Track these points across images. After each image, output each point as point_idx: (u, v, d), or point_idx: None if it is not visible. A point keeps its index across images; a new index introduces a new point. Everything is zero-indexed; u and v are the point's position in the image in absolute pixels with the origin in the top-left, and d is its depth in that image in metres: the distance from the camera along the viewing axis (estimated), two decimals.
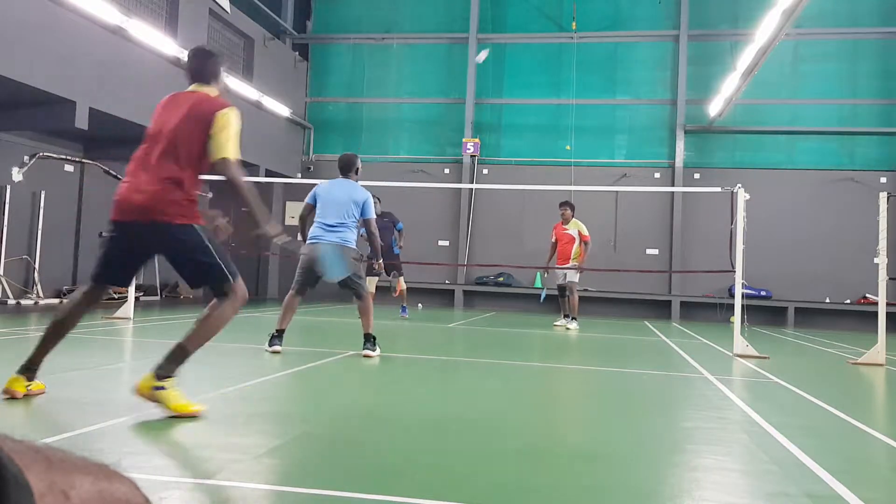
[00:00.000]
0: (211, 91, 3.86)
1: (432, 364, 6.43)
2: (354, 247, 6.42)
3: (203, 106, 3.70)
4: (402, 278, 11.86)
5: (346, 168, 6.62)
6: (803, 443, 3.40)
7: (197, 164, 3.68)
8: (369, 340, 6.36)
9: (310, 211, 6.49)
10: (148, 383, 3.47)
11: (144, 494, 0.43)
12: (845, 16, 16.05)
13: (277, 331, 6.32)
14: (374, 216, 6.55)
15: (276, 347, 6.23)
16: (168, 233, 3.62)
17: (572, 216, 11.14)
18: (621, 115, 16.95)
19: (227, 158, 3.63)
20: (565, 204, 11.25)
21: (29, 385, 3.72)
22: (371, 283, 11.61)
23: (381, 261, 6.99)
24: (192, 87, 3.87)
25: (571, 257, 10.95)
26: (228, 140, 3.65)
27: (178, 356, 3.55)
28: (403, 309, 12.06)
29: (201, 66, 3.88)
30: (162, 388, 3.44)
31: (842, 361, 7.90)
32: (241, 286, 3.73)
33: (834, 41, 16.21)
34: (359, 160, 6.70)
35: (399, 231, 11.67)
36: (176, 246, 3.67)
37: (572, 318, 10.91)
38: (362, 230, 6.91)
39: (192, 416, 3.42)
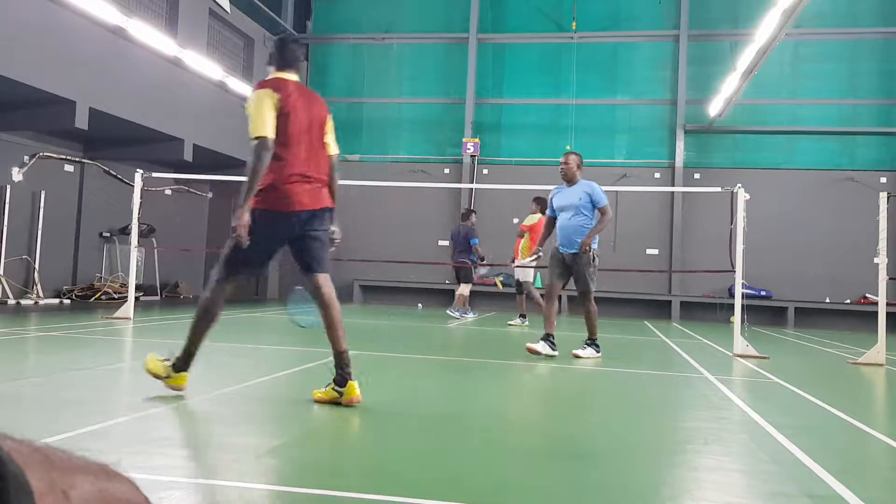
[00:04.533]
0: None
1: (432, 364, 6.43)
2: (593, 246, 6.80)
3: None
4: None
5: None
6: (803, 443, 3.40)
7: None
8: (591, 343, 6.93)
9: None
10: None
11: (144, 494, 0.43)
12: (845, 16, 16.05)
13: (547, 334, 6.73)
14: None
15: (535, 346, 6.71)
16: None
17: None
18: (621, 115, 16.95)
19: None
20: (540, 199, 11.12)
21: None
22: (465, 289, 12.23)
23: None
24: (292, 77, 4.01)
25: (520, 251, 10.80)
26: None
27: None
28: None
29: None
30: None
31: (842, 361, 7.89)
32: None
33: (834, 41, 16.21)
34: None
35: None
36: None
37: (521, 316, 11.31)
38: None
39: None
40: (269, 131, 3.72)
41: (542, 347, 6.56)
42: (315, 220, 3.89)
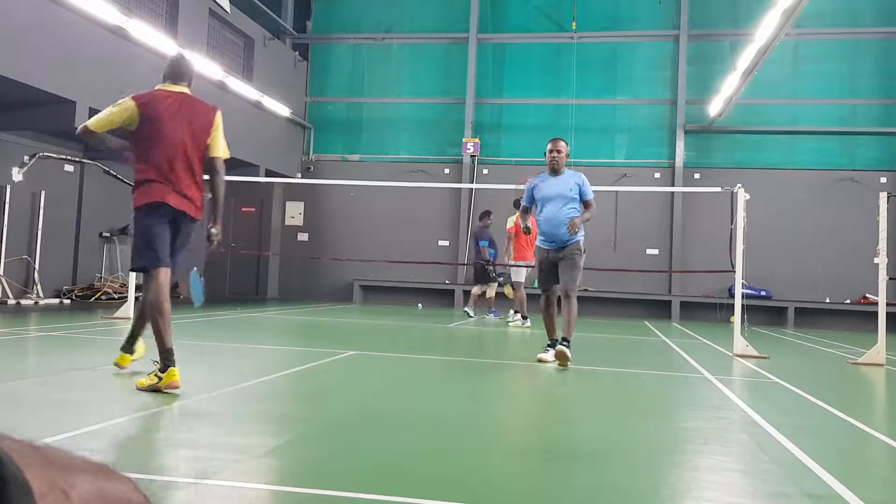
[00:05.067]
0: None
1: (432, 364, 6.42)
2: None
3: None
4: (508, 286, 12.40)
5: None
6: (803, 443, 3.40)
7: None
8: (567, 343, 6.23)
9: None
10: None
11: (144, 494, 0.43)
12: (845, 16, 16.05)
13: (551, 340, 6.41)
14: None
15: (544, 355, 6.34)
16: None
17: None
18: (621, 115, 16.95)
19: None
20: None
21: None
22: (490, 289, 12.28)
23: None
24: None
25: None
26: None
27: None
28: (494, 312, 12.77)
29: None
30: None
31: (842, 361, 7.89)
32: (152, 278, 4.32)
33: (834, 41, 16.21)
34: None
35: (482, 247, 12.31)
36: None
37: (516, 313, 11.31)
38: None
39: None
40: (94, 125, 4.27)
41: (550, 356, 6.32)
42: (183, 226, 4.39)
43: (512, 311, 11.69)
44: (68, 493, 0.37)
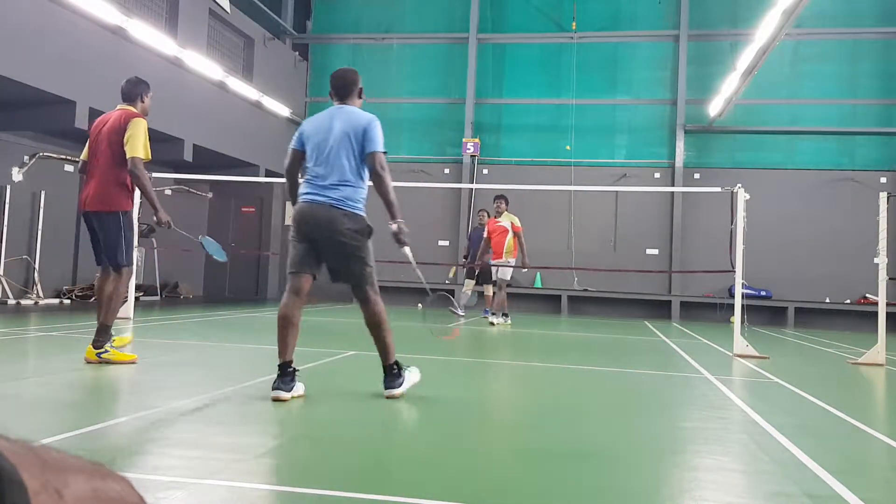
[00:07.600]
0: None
1: (432, 364, 6.42)
2: (362, 211, 4.48)
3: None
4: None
5: (346, 89, 4.51)
6: (803, 443, 3.40)
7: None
8: (390, 372, 4.33)
9: (299, 160, 4.53)
10: (91, 354, 4.99)
11: (139, 493, 0.43)
12: (845, 16, 16.05)
13: (281, 364, 4.22)
14: (381, 149, 4.46)
15: (279, 393, 4.04)
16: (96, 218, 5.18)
17: (506, 209, 11.28)
18: (621, 115, 16.95)
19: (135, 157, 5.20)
20: (500, 198, 11.35)
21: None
22: (487, 289, 12.32)
23: (399, 221, 4.84)
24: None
25: (505, 251, 11.11)
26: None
27: (101, 331, 5.02)
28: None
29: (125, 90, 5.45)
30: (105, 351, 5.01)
31: (842, 361, 7.89)
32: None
33: (834, 41, 16.21)
34: (360, 78, 4.63)
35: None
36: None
37: (492, 314, 11.21)
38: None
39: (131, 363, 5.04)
40: (83, 154, 5.41)
41: (286, 394, 4.04)
42: (94, 221, 5.17)
43: (491, 312, 11.49)
44: (62, 493, 0.37)
